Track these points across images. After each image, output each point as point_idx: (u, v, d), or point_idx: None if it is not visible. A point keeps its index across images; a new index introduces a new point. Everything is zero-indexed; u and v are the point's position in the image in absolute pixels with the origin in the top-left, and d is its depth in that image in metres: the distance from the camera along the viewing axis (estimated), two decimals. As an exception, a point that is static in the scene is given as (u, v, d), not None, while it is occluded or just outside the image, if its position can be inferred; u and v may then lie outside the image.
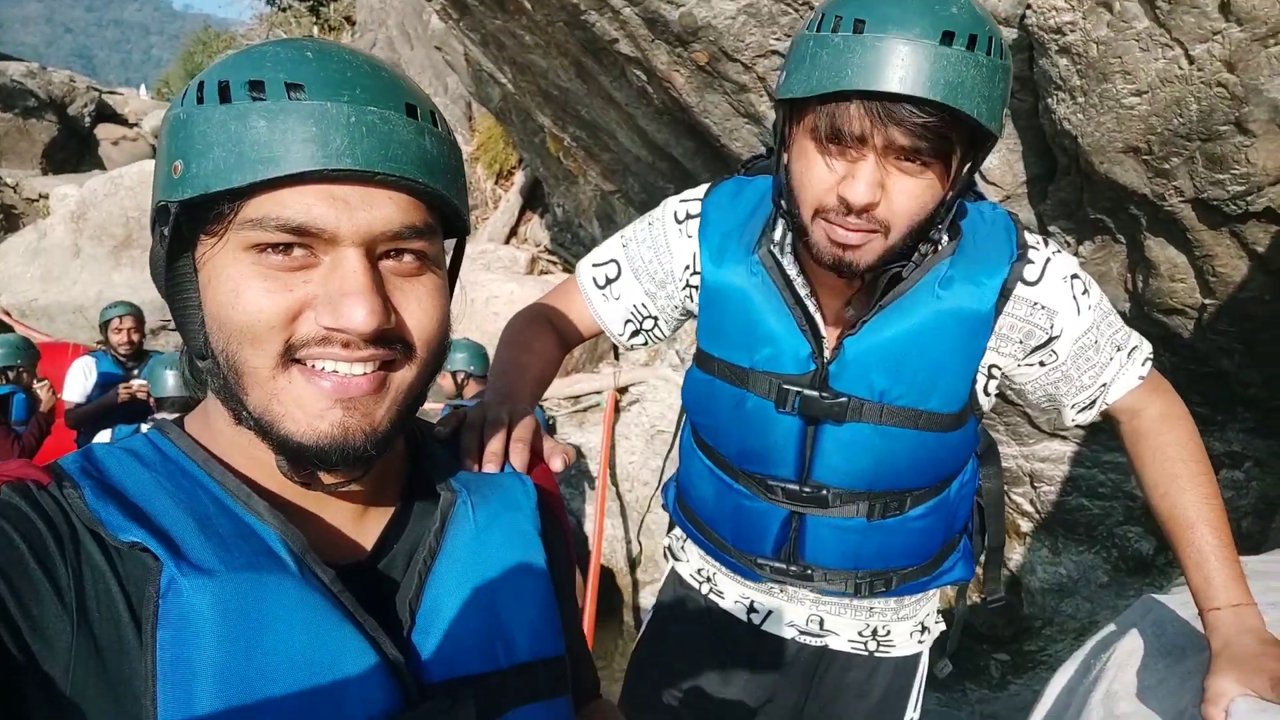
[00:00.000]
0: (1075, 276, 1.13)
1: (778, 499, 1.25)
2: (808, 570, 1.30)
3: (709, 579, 1.48)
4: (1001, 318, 1.12)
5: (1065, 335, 1.12)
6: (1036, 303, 1.11)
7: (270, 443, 0.59)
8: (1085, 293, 1.13)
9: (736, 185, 1.24)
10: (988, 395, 1.21)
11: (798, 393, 1.16)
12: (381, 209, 0.57)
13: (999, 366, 1.17)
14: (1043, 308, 1.11)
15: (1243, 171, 1.81)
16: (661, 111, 3.04)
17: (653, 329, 1.32)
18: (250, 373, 0.57)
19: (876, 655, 1.40)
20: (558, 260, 6.91)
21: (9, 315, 8.02)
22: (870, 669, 1.41)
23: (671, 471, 1.60)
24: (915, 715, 1.44)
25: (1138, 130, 1.89)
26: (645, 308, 1.29)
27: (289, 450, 0.59)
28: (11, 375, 4.13)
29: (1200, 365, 2.37)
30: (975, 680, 3.24)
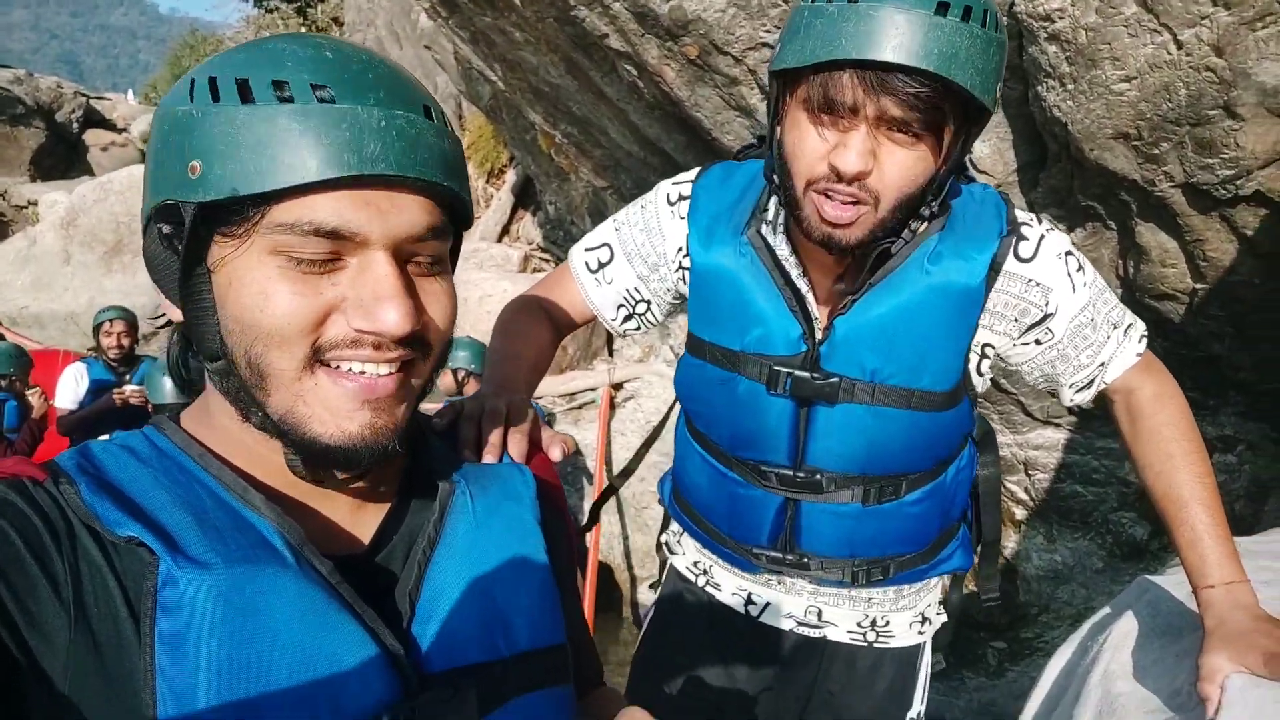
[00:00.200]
0: (1070, 253, 1.12)
1: (772, 485, 1.24)
2: (804, 559, 1.29)
3: (705, 571, 1.46)
4: (993, 295, 1.11)
5: (1061, 313, 1.12)
6: (1031, 280, 1.10)
7: (290, 443, 0.59)
8: (1080, 269, 1.12)
9: (726, 170, 1.24)
10: (981, 375, 1.20)
11: (789, 374, 1.14)
12: (408, 212, 0.57)
13: (993, 346, 1.16)
14: (1037, 284, 1.10)
15: (1232, 155, 1.82)
16: (653, 106, 3.04)
17: (645, 313, 1.31)
18: (275, 375, 0.57)
19: (876, 646, 1.38)
20: (550, 258, 6.90)
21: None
22: (873, 661, 1.39)
23: (655, 461, 1.58)
24: (921, 709, 1.42)
25: (1127, 116, 1.90)
26: (638, 292, 1.28)
27: (314, 451, 0.59)
28: (4, 383, 4.12)
29: (1191, 350, 2.38)
30: (973, 668, 3.25)
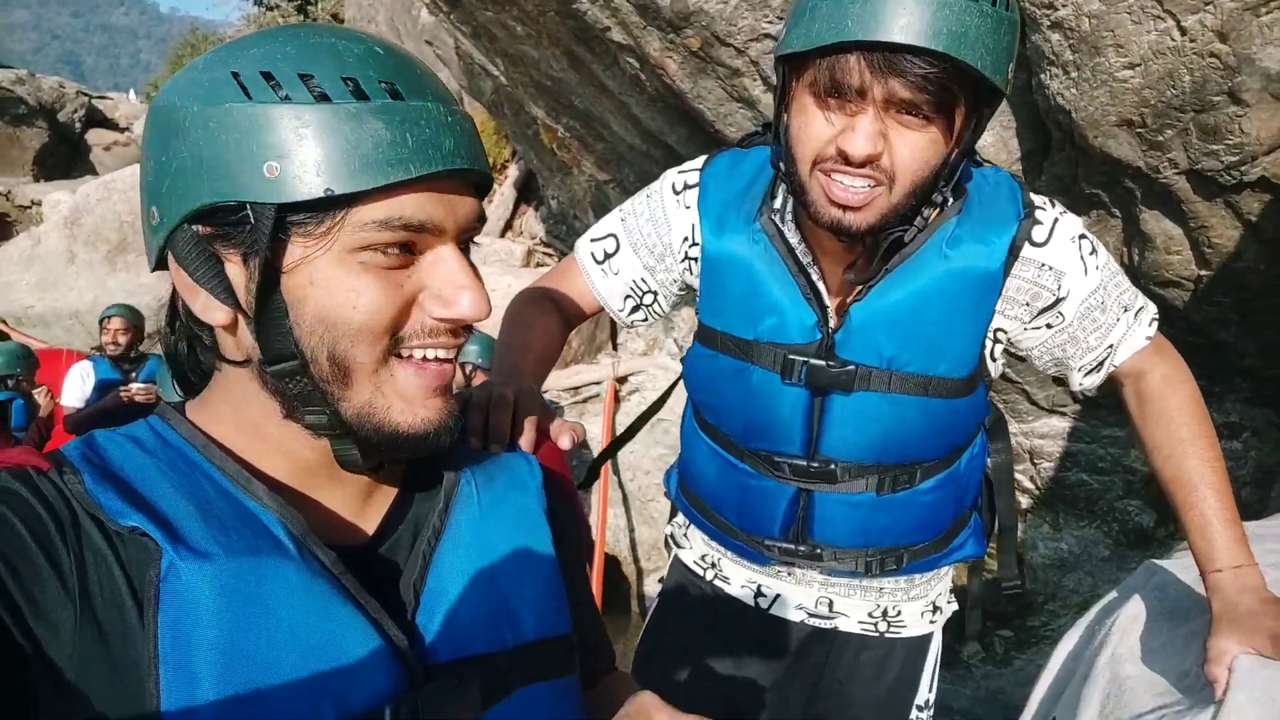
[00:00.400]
0: (1083, 236, 1.11)
1: (785, 476, 1.23)
2: (817, 550, 1.28)
3: (713, 565, 1.44)
4: (1009, 279, 1.09)
5: (1072, 296, 1.10)
6: (1044, 264, 1.09)
7: (359, 437, 0.60)
8: (1094, 253, 1.11)
9: (734, 157, 1.22)
10: (994, 360, 1.19)
11: (804, 363, 1.12)
12: (468, 204, 0.61)
13: (1004, 330, 1.15)
14: (1050, 269, 1.09)
15: (1236, 141, 1.81)
16: (655, 99, 3.04)
17: (653, 304, 1.30)
18: (358, 369, 0.58)
19: (888, 636, 1.37)
20: (553, 252, 6.90)
21: (5, 323, 7.99)
22: (884, 650, 1.38)
23: (660, 455, 1.54)
24: (931, 696, 1.41)
25: (1131, 103, 1.89)
26: (645, 283, 1.27)
27: (387, 441, 0.60)
28: (11, 382, 4.13)
29: (1197, 336, 2.38)
30: (980, 656, 3.26)
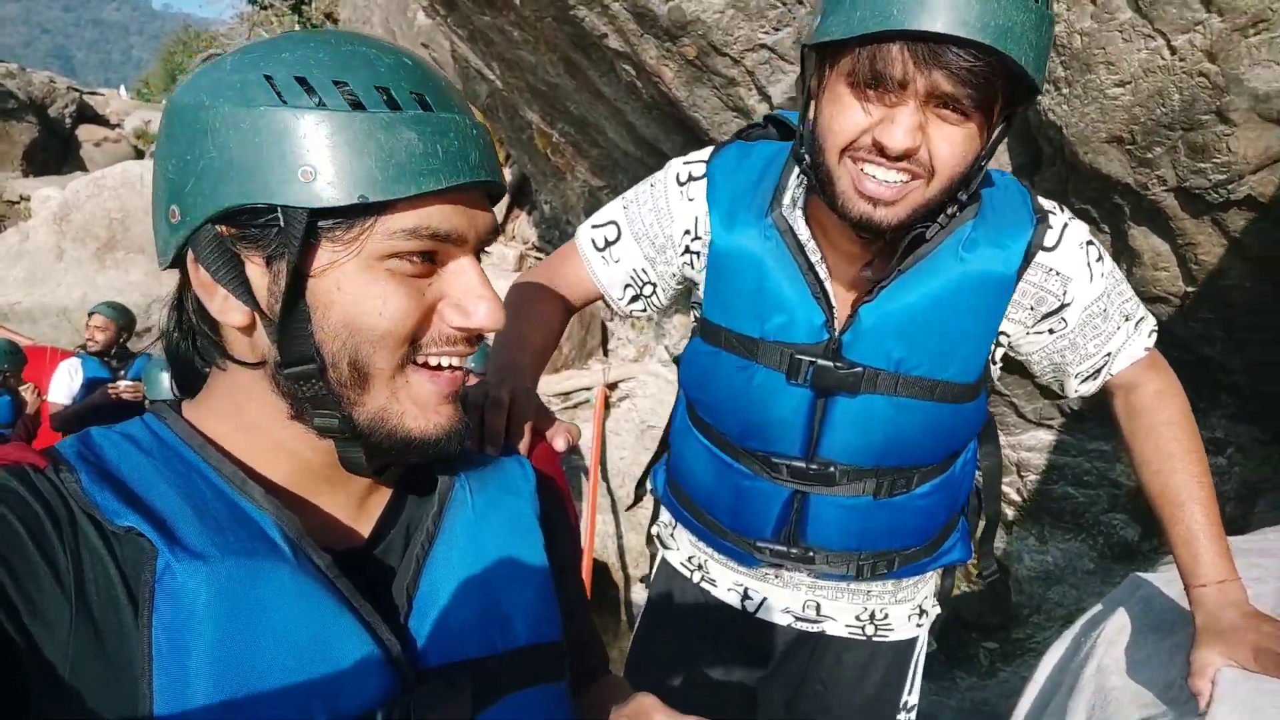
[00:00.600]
0: (1090, 243, 1.10)
1: (782, 478, 1.21)
2: (809, 552, 1.27)
3: (700, 566, 1.44)
4: (1020, 284, 1.08)
5: (1077, 302, 1.10)
6: (1052, 269, 1.08)
7: (370, 442, 0.61)
8: (1099, 259, 1.10)
9: (741, 149, 1.19)
10: (995, 364, 1.18)
11: (811, 363, 1.10)
12: (485, 215, 0.62)
13: (1007, 334, 1.14)
14: (1057, 274, 1.08)
15: (1224, 160, 1.84)
16: (650, 106, 3.05)
17: (652, 295, 1.27)
18: (377, 375, 0.59)
19: (874, 639, 1.37)
20: (545, 257, 6.90)
21: (-9, 319, 7.92)
22: (868, 653, 1.38)
23: (645, 450, 1.56)
24: (913, 699, 1.41)
25: (1121, 120, 1.92)
26: (645, 273, 1.24)
27: (398, 446, 0.61)
28: (-2, 378, 4.09)
29: (1183, 352, 2.40)
30: (965, 668, 3.27)
